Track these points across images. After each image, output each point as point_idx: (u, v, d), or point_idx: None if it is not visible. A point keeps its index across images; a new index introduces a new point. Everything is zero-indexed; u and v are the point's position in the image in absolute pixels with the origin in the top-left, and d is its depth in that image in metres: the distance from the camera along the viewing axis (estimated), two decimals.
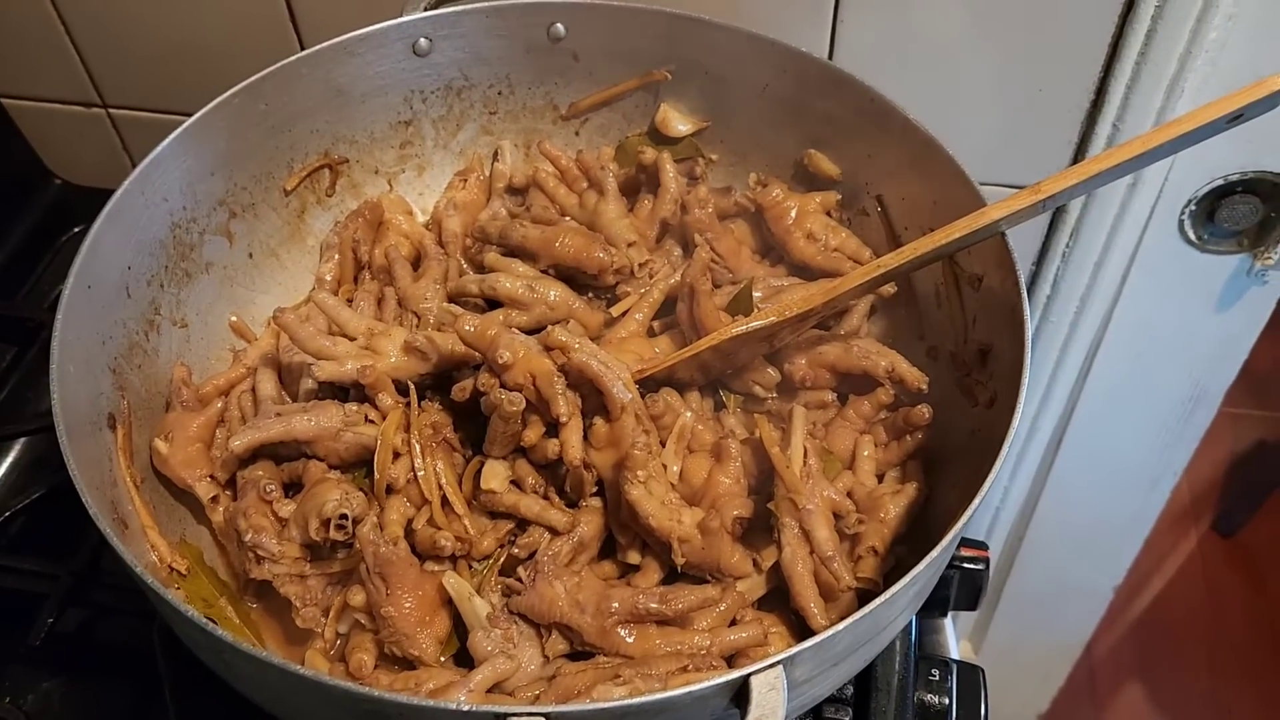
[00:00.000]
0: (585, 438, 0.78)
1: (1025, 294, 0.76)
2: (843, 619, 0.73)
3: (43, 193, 1.27)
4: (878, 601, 0.61)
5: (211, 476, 0.83)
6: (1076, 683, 1.98)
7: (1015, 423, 0.69)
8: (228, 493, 0.84)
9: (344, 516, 0.73)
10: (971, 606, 1.06)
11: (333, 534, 0.73)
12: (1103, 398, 1.34)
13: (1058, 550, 1.61)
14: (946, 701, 0.92)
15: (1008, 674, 1.84)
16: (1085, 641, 1.85)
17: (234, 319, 0.95)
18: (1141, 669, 2.25)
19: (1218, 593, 2.35)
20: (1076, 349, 1.28)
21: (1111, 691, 2.24)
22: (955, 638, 1.09)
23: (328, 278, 0.98)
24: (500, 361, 0.76)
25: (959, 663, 0.96)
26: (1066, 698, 1.99)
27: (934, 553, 0.63)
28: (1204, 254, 1.16)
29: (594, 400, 0.79)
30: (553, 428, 0.78)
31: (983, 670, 0.97)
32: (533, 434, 0.77)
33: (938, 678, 0.94)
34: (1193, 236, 1.14)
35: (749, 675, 0.57)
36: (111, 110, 1.24)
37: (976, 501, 0.66)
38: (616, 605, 0.71)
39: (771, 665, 0.57)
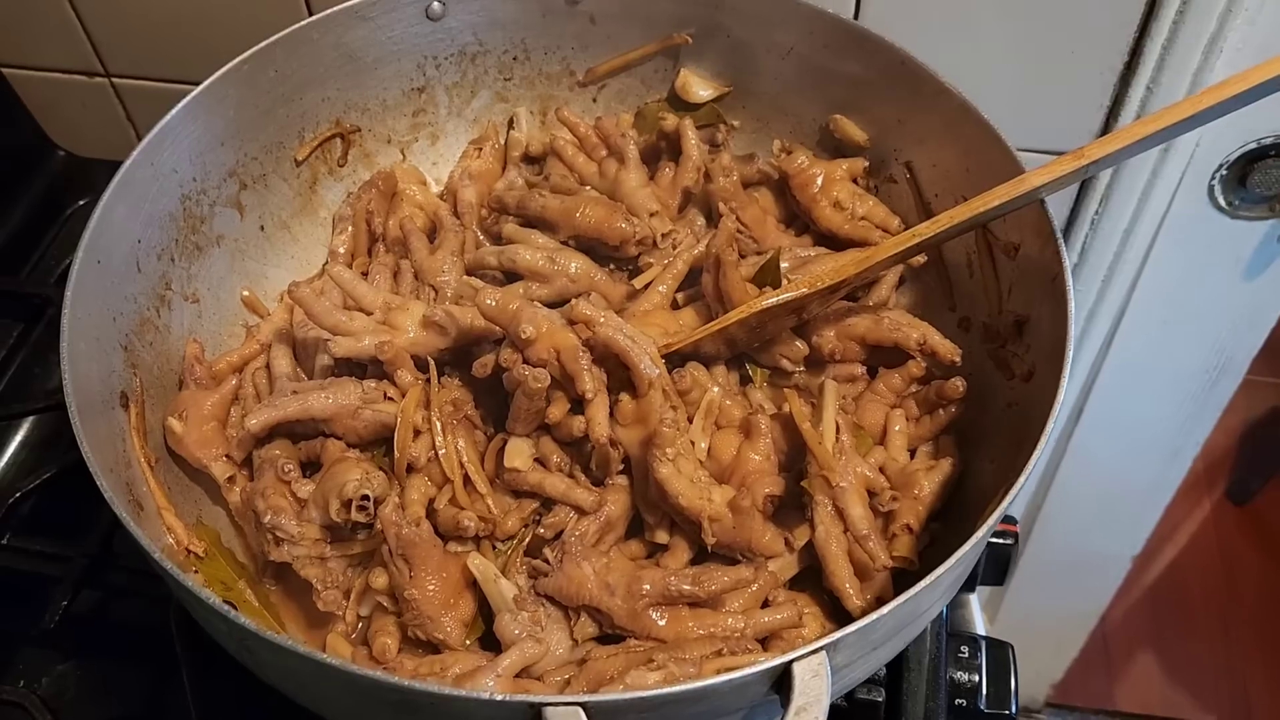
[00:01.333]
0: (611, 414, 0.76)
1: (1067, 263, 0.74)
2: (878, 599, 0.72)
3: (46, 165, 1.25)
4: (922, 585, 0.59)
5: (227, 456, 0.80)
6: (1090, 651, 1.97)
7: (1060, 399, 0.67)
8: (244, 472, 0.82)
9: (365, 497, 0.71)
10: (998, 581, 1.04)
11: (354, 515, 0.71)
12: (1126, 366, 1.32)
13: (1076, 520, 1.59)
14: (977, 679, 0.91)
15: (1023, 643, 1.82)
16: (1101, 611, 1.84)
17: (246, 293, 0.93)
18: (1155, 637, 2.24)
19: (1231, 561, 2.34)
20: (1102, 318, 1.25)
21: (1125, 660, 2.23)
22: (981, 613, 1.08)
23: (341, 250, 0.96)
24: (523, 337, 0.74)
25: (988, 639, 0.95)
26: (1080, 666, 1.98)
27: (979, 533, 0.61)
28: (1234, 220, 1.13)
29: (619, 376, 0.76)
30: (577, 404, 0.76)
31: (1012, 646, 0.95)
32: (557, 411, 0.75)
33: (967, 654, 0.93)
34: (1222, 202, 1.11)
35: (791, 662, 0.55)
36: (115, 79, 1.21)
37: (1021, 480, 0.64)
38: (648, 587, 0.69)
39: (814, 651, 0.55)
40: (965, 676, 0.91)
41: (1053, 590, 1.76)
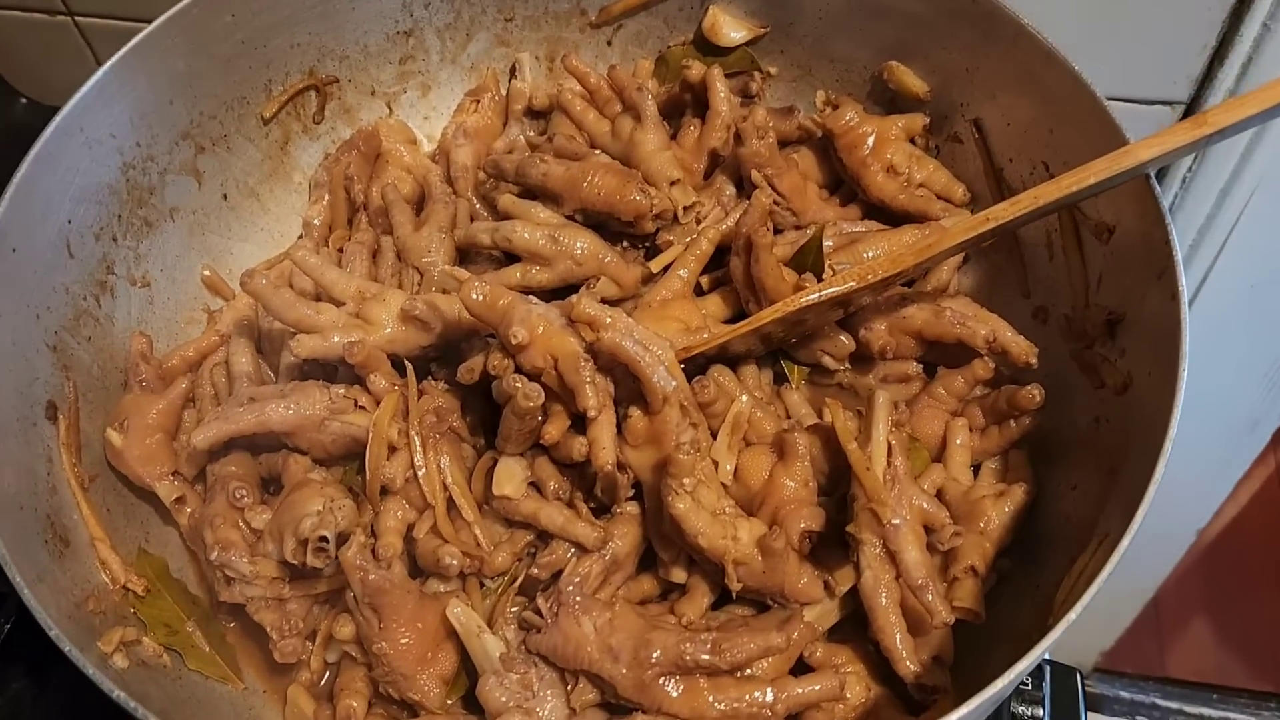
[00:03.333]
0: (619, 431, 0.64)
1: (1179, 254, 0.60)
2: (935, 659, 0.61)
3: (6, 113, 1.13)
4: (999, 685, 0.47)
5: (175, 473, 0.70)
6: (1141, 617, 1.87)
7: (1172, 429, 0.55)
8: (198, 488, 0.71)
9: (324, 538, 0.60)
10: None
11: (310, 559, 0.60)
12: (1206, 332, 1.18)
13: None
14: (1040, 713, 0.81)
15: None
16: (1159, 584, 1.73)
17: (207, 273, 0.82)
18: (1210, 603, 2.13)
19: None
20: (1185, 281, 1.11)
21: (1177, 626, 2.12)
22: None
23: (316, 221, 0.84)
24: (514, 341, 0.62)
25: (1053, 664, 0.84)
26: (1129, 634, 1.88)
27: (1071, 614, 0.49)
28: None
29: (629, 385, 0.64)
30: (579, 419, 0.64)
31: (1080, 672, 0.85)
32: (554, 429, 0.63)
33: (1030, 685, 0.83)
34: None
35: None
36: (78, 18, 1.09)
37: (1125, 542, 0.51)
38: (658, 654, 0.57)
39: None
40: (1027, 711, 0.81)
41: None
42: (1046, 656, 0.88)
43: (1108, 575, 0.51)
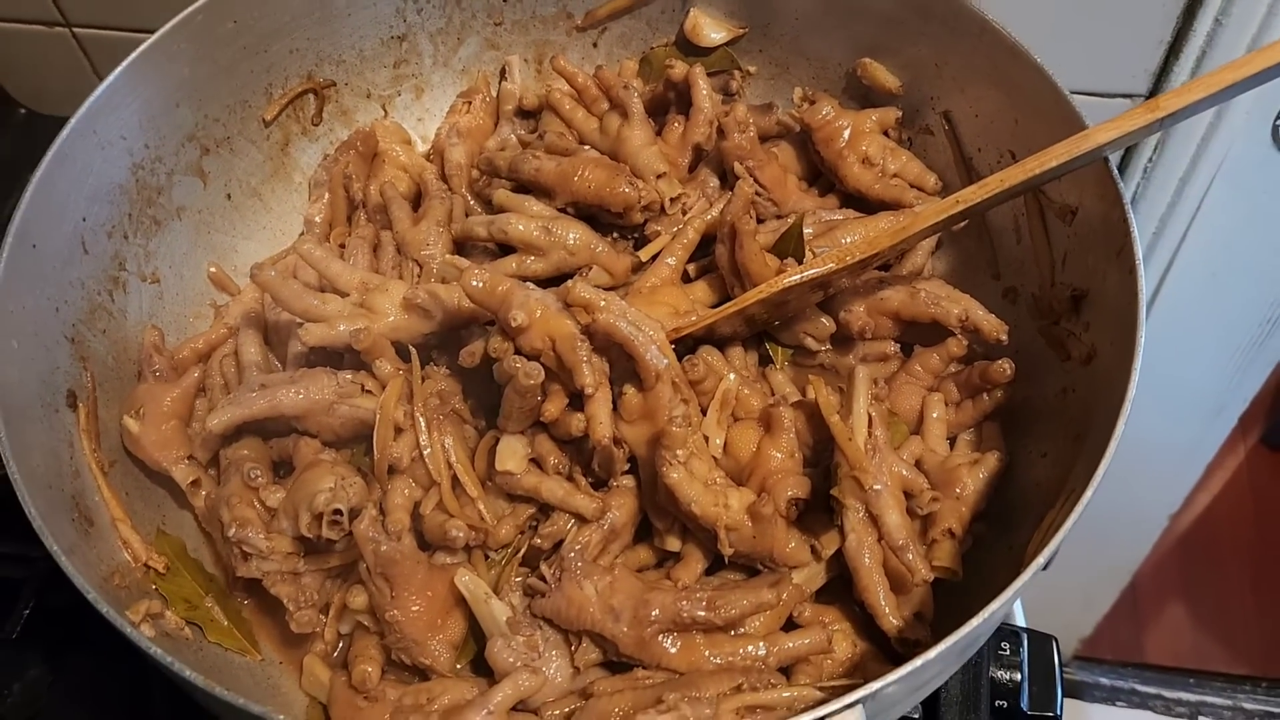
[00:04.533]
0: (615, 408, 0.68)
1: (1136, 231, 0.64)
2: (917, 615, 0.65)
3: (6, 124, 1.15)
4: (975, 623, 0.51)
5: (190, 457, 0.73)
6: (1119, 603, 1.91)
7: (1130, 394, 0.59)
8: (211, 473, 0.74)
9: (338, 511, 0.63)
10: (1042, 566, 0.97)
11: (325, 531, 0.63)
12: (1171, 320, 1.22)
13: (1111, 479, 1.50)
14: (1019, 678, 0.84)
15: (1051, 600, 1.76)
16: (1134, 569, 1.77)
17: (213, 270, 0.84)
18: (1185, 588, 2.17)
19: (1266, 508, 2.26)
20: (1149, 270, 1.16)
21: (1154, 611, 2.17)
22: (1021, 600, 1.00)
23: (317, 219, 0.87)
24: (514, 324, 0.65)
25: (1030, 631, 0.88)
26: (1106, 619, 1.92)
27: (1039, 559, 0.53)
28: None
29: (624, 365, 0.68)
30: (577, 397, 0.68)
31: (1055, 639, 0.88)
32: (553, 407, 0.67)
33: (1008, 651, 0.86)
34: None
35: (824, 718, 0.47)
36: (76, 29, 1.11)
37: (1088, 494, 0.56)
38: (656, 612, 0.61)
39: (850, 705, 0.48)
40: (1006, 675, 0.84)
41: (1084, 549, 1.68)
42: (1025, 625, 0.92)
43: (1073, 523, 0.55)
